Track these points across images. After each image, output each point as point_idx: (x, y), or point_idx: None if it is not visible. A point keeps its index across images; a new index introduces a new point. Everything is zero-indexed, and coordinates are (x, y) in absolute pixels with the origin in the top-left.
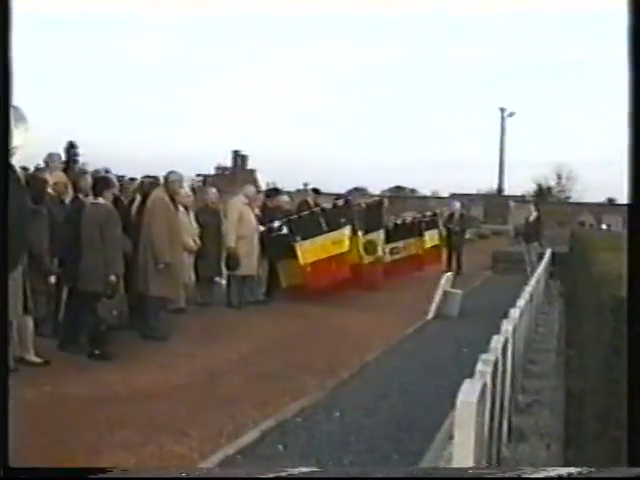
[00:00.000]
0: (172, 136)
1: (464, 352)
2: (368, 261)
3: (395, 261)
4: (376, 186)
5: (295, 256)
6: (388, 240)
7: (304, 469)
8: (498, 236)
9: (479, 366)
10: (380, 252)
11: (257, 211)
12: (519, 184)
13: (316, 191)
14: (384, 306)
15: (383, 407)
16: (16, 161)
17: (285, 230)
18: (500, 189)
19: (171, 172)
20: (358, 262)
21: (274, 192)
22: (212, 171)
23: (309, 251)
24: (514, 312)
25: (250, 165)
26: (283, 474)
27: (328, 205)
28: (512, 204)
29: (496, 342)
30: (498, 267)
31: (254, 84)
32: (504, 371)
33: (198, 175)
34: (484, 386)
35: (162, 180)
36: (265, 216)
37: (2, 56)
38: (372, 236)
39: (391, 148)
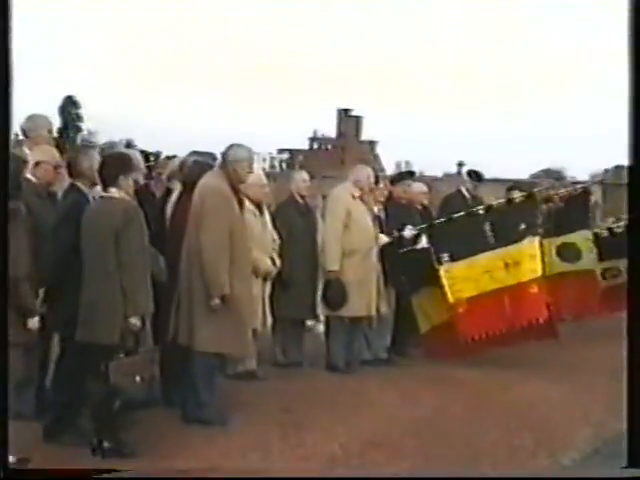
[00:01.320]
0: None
1: None
2: (562, 272)
3: (612, 289)
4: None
5: (440, 285)
6: (600, 257)
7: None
8: None
9: None
10: (587, 262)
11: (377, 209)
12: None
13: (475, 176)
14: (598, 369)
15: None
16: None
17: (424, 242)
18: None
19: (234, 146)
20: (551, 285)
21: (407, 176)
22: (302, 144)
23: (464, 279)
24: None
25: (366, 134)
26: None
27: (497, 201)
28: None
29: None
30: None
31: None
32: None
33: (281, 151)
34: None
35: (219, 159)
36: (390, 218)
37: (2, 56)
38: (571, 237)
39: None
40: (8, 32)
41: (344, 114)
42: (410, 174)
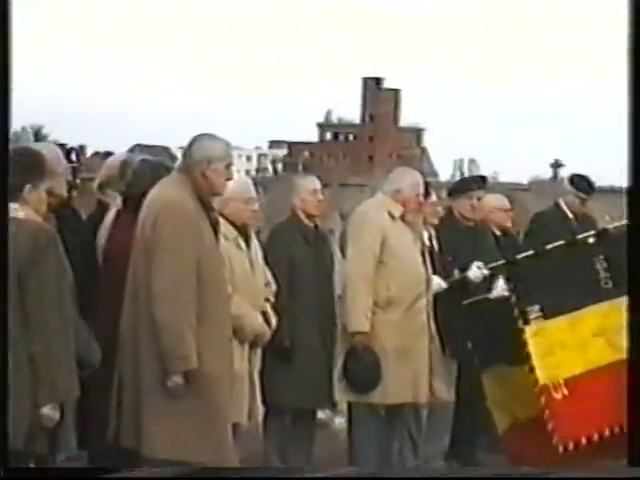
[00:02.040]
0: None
1: None
2: None
3: None
4: None
5: (526, 356)
6: None
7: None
8: None
9: None
10: None
11: (428, 236)
12: None
13: (583, 184)
14: None
15: None
16: None
17: (501, 287)
18: None
19: (202, 138)
20: None
21: (475, 183)
22: (308, 134)
23: (565, 346)
24: None
25: (408, 118)
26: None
27: (615, 223)
28: None
29: None
30: None
31: None
32: None
33: (275, 145)
34: None
35: (180, 156)
36: (449, 249)
37: (2, 55)
38: None
39: None
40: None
41: (374, 86)
42: (480, 181)
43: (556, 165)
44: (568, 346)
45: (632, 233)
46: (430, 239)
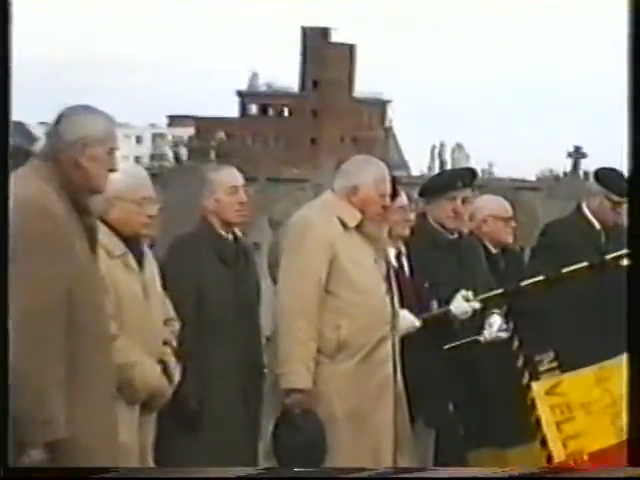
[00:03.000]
0: None
1: None
2: None
3: None
4: None
5: (534, 426)
6: None
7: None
8: None
9: None
10: None
11: (396, 254)
12: None
13: (614, 181)
14: None
15: None
16: None
17: (498, 326)
18: None
19: (72, 113)
20: None
21: (460, 179)
22: (223, 106)
23: (589, 408)
24: None
25: (367, 85)
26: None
27: None
28: None
29: None
30: None
31: None
32: None
33: (175, 120)
34: None
35: (44, 137)
36: (424, 271)
37: (2, 54)
38: None
39: None
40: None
41: (319, 39)
42: (468, 175)
43: (576, 155)
44: (595, 409)
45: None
46: (398, 258)
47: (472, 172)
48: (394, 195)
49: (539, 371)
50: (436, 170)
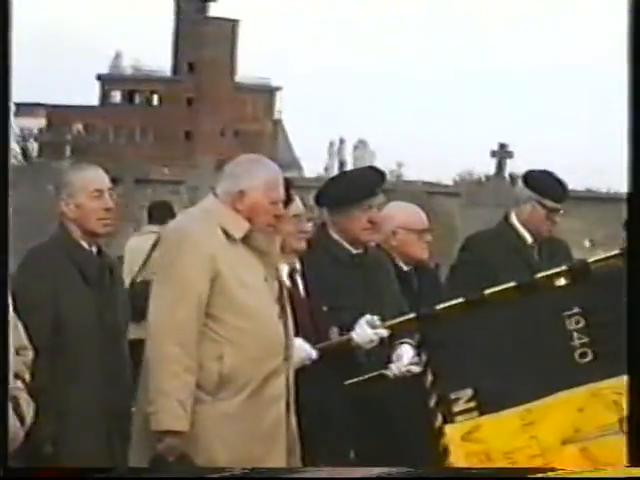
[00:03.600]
0: None
1: None
2: None
3: None
4: None
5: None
6: None
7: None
8: None
9: None
10: None
11: (289, 270)
12: None
13: (548, 186)
14: None
15: None
16: None
17: (408, 358)
18: None
19: None
20: None
21: (366, 184)
22: (85, 95)
23: (515, 459)
24: None
25: (253, 70)
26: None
27: (594, 252)
28: None
29: None
30: None
31: None
32: None
33: (20, 108)
34: None
35: None
36: (322, 293)
37: (2, 54)
38: None
39: None
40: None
41: (194, 10)
42: (378, 178)
43: (501, 154)
44: (519, 459)
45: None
46: (292, 276)
47: (382, 174)
48: (288, 201)
49: (454, 412)
50: (335, 171)
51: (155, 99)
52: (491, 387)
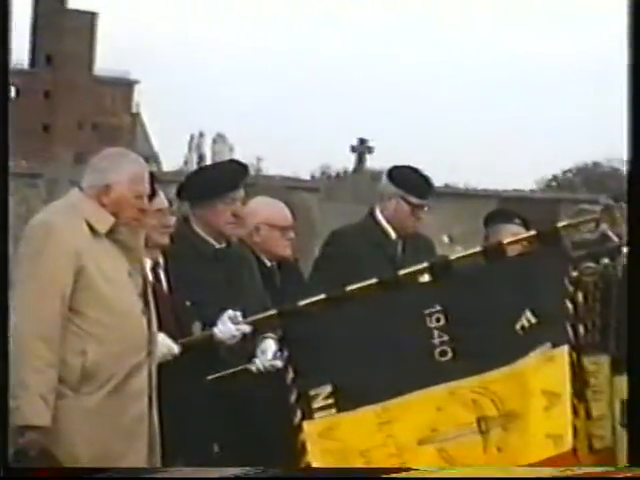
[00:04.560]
0: None
1: None
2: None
3: None
4: None
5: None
6: None
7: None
8: None
9: None
10: None
11: (152, 265)
12: None
13: (412, 182)
14: None
15: None
16: None
17: (271, 352)
18: None
19: None
20: None
21: (232, 177)
22: None
23: (371, 457)
24: None
25: (109, 61)
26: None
27: (455, 249)
28: None
29: None
30: None
31: None
32: None
33: None
34: None
35: None
36: (184, 289)
37: (1, 53)
38: None
39: None
40: None
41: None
42: (239, 171)
43: (361, 149)
44: (375, 458)
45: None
46: (155, 270)
47: (245, 167)
48: (152, 196)
49: (313, 408)
50: (194, 164)
51: (12, 91)
52: (350, 384)
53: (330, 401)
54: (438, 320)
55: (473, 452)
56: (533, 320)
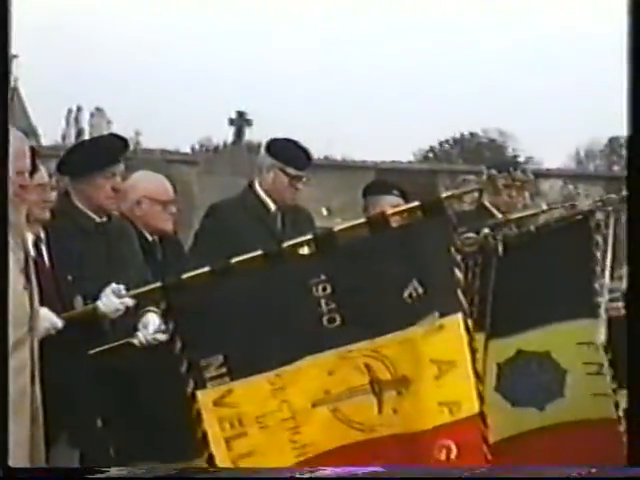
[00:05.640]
0: None
1: None
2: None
3: None
4: None
5: (200, 443)
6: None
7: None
8: None
9: None
10: (585, 403)
11: (34, 240)
12: None
13: (293, 152)
14: None
15: None
16: None
17: (154, 325)
18: None
19: None
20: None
21: (118, 152)
22: None
23: (266, 424)
24: None
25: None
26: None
27: (351, 222)
28: None
29: None
30: None
31: None
32: None
33: None
34: None
35: None
36: (65, 261)
37: (2, 52)
38: (542, 338)
39: None
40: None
41: None
42: (122, 145)
43: (240, 122)
44: (271, 423)
45: (632, 245)
46: (37, 246)
47: (125, 141)
48: (32, 171)
49: (206, 378)
50: (72, 139)
51: None
52: (241, 354)
53: (223, 370)
54: (325, 289)
55: (368, 412)
56: (420, 290)
